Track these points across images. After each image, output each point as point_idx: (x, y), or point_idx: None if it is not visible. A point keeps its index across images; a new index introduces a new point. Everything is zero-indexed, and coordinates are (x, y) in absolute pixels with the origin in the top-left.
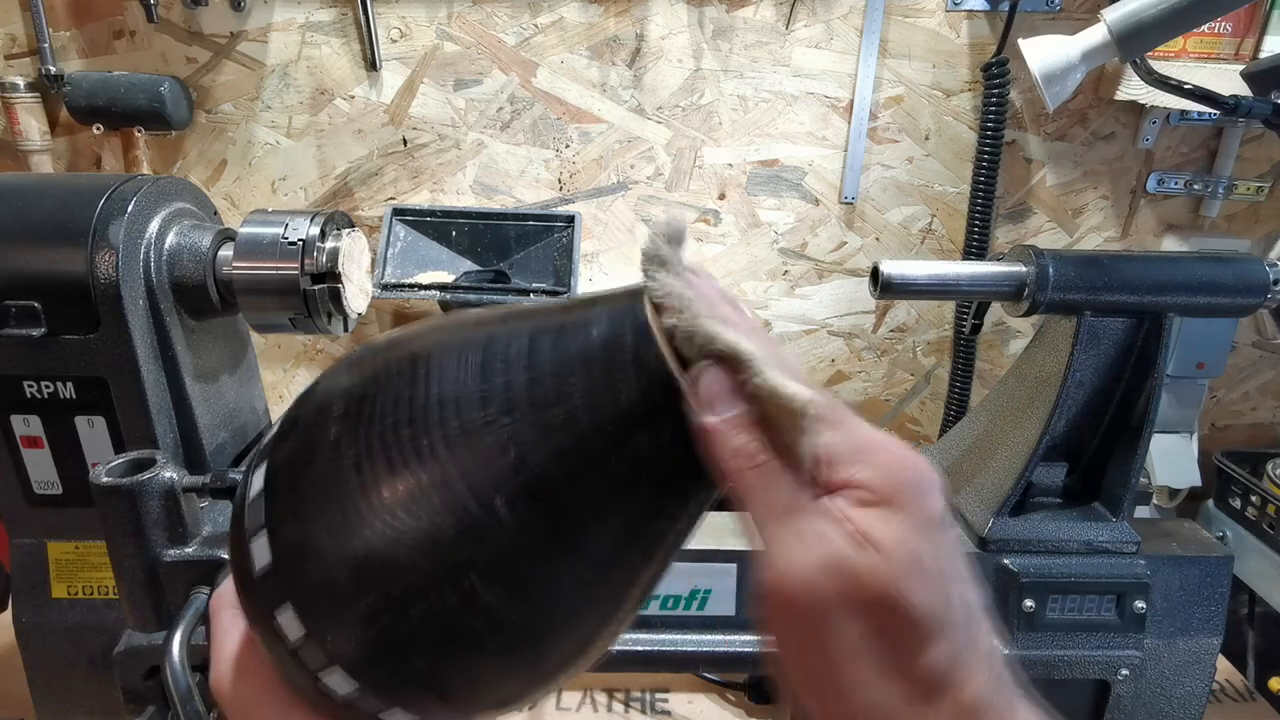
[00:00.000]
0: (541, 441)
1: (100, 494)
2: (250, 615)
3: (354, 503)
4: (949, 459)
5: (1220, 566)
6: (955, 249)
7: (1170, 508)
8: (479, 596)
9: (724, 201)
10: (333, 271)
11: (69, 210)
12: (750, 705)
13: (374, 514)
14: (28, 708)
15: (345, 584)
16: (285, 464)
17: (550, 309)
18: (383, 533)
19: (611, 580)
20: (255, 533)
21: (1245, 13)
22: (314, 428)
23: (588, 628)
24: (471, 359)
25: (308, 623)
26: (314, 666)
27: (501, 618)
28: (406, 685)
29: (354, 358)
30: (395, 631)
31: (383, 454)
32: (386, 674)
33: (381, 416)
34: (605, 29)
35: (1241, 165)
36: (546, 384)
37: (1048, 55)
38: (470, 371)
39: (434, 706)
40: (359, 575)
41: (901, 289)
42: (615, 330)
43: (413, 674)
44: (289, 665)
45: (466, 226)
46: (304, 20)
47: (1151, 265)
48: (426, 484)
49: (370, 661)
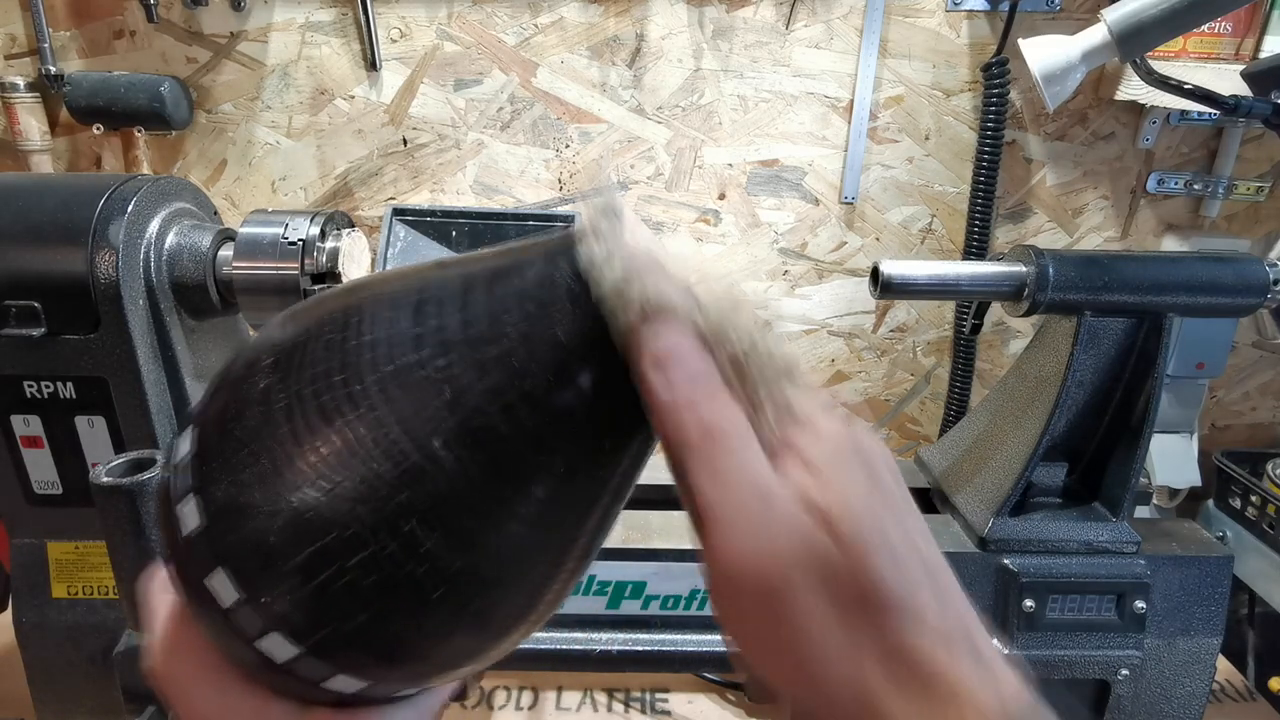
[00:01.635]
0: (478, 380)
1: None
2: (182, 585)
3: (286, 452)
4: (949, 459)
5: (1220, 566)
6: (955, 249)
7: (1170, 508)
8: (420, 543)
9: (724, 201)
10: (333, 271)
11: (69, 210)
12: (750, 705)
13: (307, 463)
14: (28, 708)
15: (280, 539)
16: (214, 421)
17: (485, 255)
18: (317, 482)
19: (557, 524)
20: (183, 496)
21: (1245, 13)
22: (242, 381)
23: (535, 577)
24: (405, 303)
25: (243, 585)
26: (251, 632)
27: (445, 565)
28: (350, 646)
29: (284, 315)
30: (335, 587)
31: (314, 401)
32: (328, 635)
33: (313, 364)
34: (605, 29)
35: (1241, 165)
36: (481, 323)
37: (1048, 55)
38: (404, 315)
39: (380, 669)
40: (294, 529)
41: (901, 289)
42: (551, 268)
43: (356, 633)
44: (225, 634)
45: (467, 226)
46: (304, 20)
47: (1151, 265)
48: (361, 429)
49: (310, 622)
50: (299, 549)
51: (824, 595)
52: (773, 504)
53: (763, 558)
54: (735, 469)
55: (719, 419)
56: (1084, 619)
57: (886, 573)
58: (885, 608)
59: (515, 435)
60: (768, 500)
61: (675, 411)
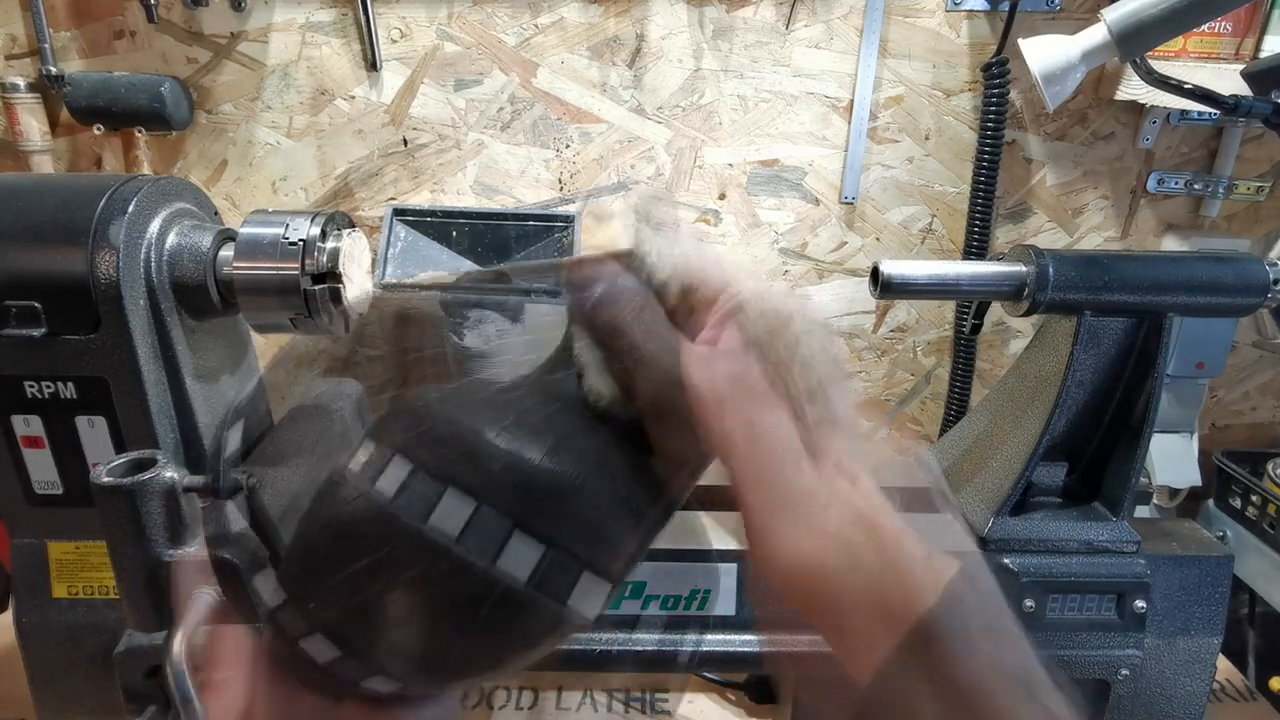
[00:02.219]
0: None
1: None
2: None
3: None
4: (949, 459)
5: (1220, 566)
6: (955, 249)
7: (1170, 507)
8: (471, 565)
9: (724, 201)
10: (333, 271)
11: (69, 210)
12: (750, 705)
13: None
14: (28, 708)
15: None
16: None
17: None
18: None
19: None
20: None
21: (1245, 12)
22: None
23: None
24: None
25: (288, 587)
26: (295, 633)
27: (491, 585)
28: (390, 654)
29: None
30: (382, 600)
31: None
32: (370, 643)
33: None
34: (605, 29)
35: (1242, 165)
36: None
37: (1048, 55)
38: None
39: (416, 674)
40: (343, 541)
41: (901, 289)
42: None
43: (397, 643)
44: (268, 630)
45: (467, 226)
46: (304, 20)
47: (1151, 265)
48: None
49: (354, 630)
50: (345, 564)
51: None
52: (813, 508)
53: (806, 559)
54: (778, 474)
55: (765, 421)
56: (1084, 619)
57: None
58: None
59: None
60: (810, 503)
61: (719, 411)
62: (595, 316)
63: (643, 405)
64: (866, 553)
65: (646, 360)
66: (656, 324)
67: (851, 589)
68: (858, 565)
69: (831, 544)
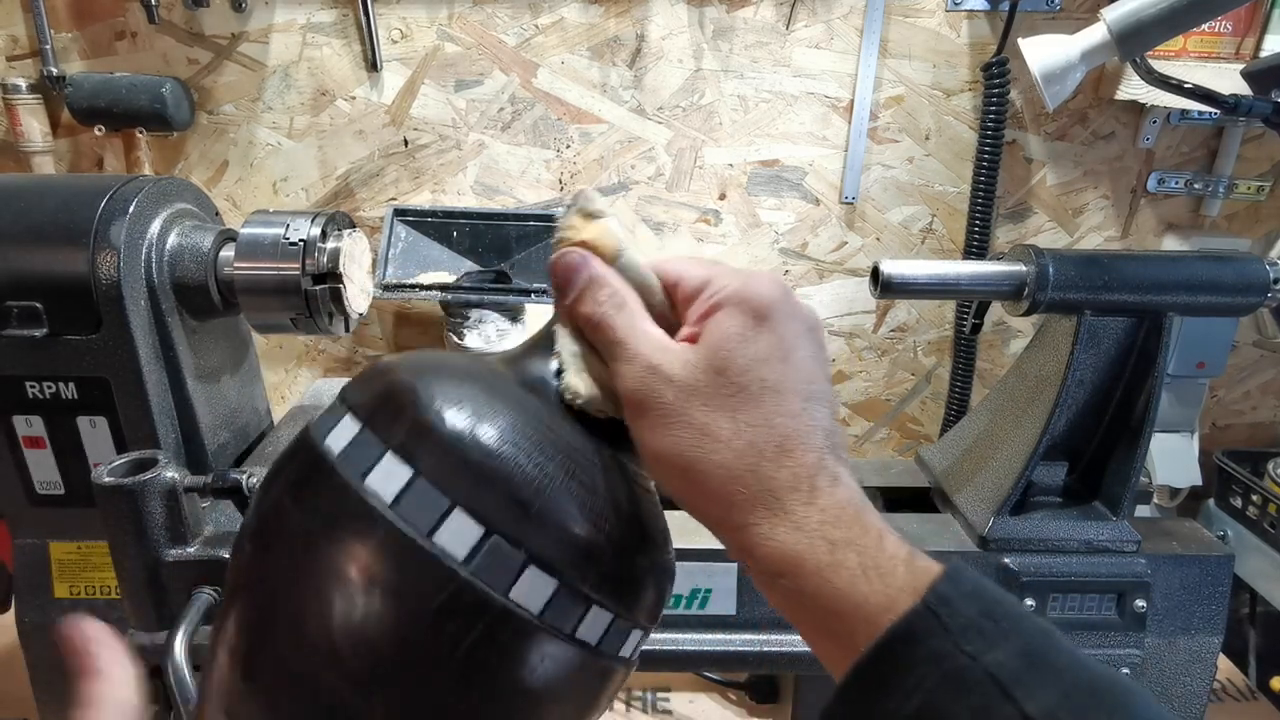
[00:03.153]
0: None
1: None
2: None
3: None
4: (949, 459)
5: (1221, 566)
6: (955, 249)
7: (1171, 507)
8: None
9: (724, 201)
10: (334, 272)
11: (70, 211)
12: (751, 705)
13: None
14: (30, 708)
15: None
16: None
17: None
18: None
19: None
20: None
21: (1245, 12)
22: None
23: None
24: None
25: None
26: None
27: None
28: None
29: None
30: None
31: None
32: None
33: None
34: (605, 29)
35: (1242, 165)
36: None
37: (1048, 55)
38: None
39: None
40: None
41: (901, 289)
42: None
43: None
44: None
45: (467, 227)
46: (305, 21)
47: (1152, 265)
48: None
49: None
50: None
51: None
52: (795, 504)
53: (786, 556)
54: (758, 469)
55: (747, 414)
56: (1084, 618)
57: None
58: (756, 395)
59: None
60: (791, 499)
61: (700, 404)
62: (577, 308)
63: (623, 399)
64: (848, 551)
65: (628, 354)
66: (638, 319)
67: (832, 588)
68: (839, 563)
69: (813, 541)
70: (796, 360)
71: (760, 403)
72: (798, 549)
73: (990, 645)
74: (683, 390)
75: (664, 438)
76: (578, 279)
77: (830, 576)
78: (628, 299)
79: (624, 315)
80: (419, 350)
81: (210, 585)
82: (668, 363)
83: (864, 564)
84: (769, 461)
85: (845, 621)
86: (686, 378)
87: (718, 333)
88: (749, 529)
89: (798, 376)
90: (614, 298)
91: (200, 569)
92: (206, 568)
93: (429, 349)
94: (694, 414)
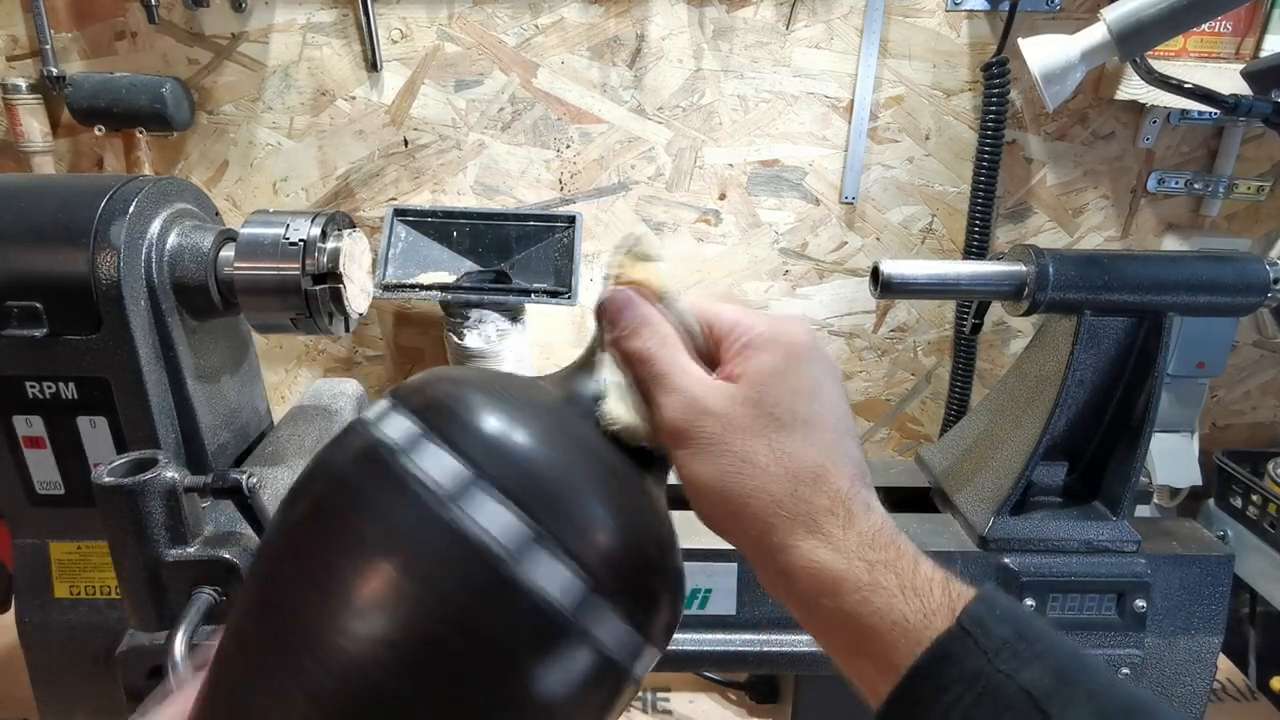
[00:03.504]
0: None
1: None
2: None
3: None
4: (949, 459)
5: (1221, 566)
6: (955, 249)
7: (1171, 507)
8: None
9: (724, 201)
10: (334, 272)
11: (71, 211)
12: (751, 705)
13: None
14: (30, 708)
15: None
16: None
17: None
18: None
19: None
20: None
21: (1245, 12)
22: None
23: None
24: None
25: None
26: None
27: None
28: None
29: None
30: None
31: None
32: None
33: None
34: (605, 29)
35: (1242, 165)
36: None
37: (1048, 55)
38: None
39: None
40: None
41: (902, 289)
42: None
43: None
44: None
45: (467, 227)
46: (305, 21)
47: (1152, 265)
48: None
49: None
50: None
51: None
52: (833, 526)
53: (826, 576)
54: (796, 493)
55: (784, 444)
56: (1084, 618)
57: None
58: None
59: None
60: (830, 522)
61: (740, 435)
62: (625, 343)
63: (666, 429)
64: (886, 573)
65: (672, 386)
66: (681, 356)
67: (872, 607)
68: (878, 584)
69: (851, 562)
70: (825, 397)
71: (795, 433)
72: (837, 569)
73: (1024, 664)
74: (723, 421)
75: (707, 465)
76: (627, 315)
77: (870, 596)
78: (671, 337)
79: (668, 351)
80: (470, 367)
81: (210, 585)
82: (708, 396)
83: (902, 585)
84: (806, 486)
85: (884, 641)
86: (726, 410)
87: (755, 369)
88: (790, 549)
89: (828, 411)
90: (659, 335)
91: (200, 569)
92: (206, 568)
93: (477, 367)
94: (734, 443)
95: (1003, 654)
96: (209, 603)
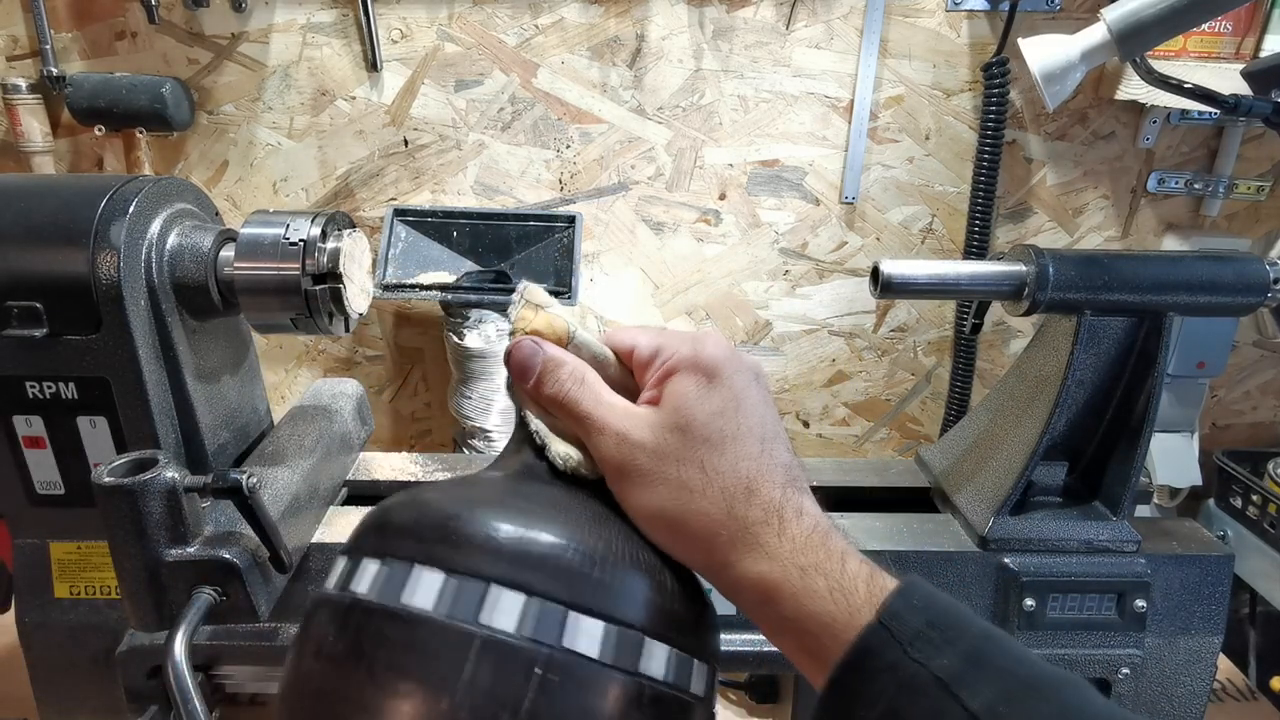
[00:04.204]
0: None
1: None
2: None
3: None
4: (949, 458)
5: (1221, 565)
6: (955, 249)
7: (1171, 507)
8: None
9: (724, 201)
10: (334, 272)
11: (70, 211)
12: (751, 705)
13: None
14: (30, 708)
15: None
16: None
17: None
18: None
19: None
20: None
21: (1245, 12)
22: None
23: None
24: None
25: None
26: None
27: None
28: None
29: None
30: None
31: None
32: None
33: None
34: (605, 29)
35: (1242, 164)
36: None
37: (1048, 55)
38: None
39: None
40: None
41: (902, 288)
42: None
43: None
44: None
45: (467, 227)
46: (305, 21)
47: (1152, 264)
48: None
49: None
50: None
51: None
52: (768, 537)
53: (766, 585)
54: (732, 511)
55: (714, 463)
56: (1084, 618)
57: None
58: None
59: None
60: (764, 533)
61: (672, 459)
62: (540, 391)
63: (602, 467)
64: (816, 576)
65: (597, 426)
66: (601, 391)
67: (806, 611)
68: (809, 588)
69: (786, 569)
70: (748, 408)
71: (723, 451)
72: (774, 578)
73: (937, 651)
74: (654, 453)
75: (645, 496)
76: (534, 363)
77: (803, 601)
78: (586, 374)
79: (585, 390)
80: (405, 492)
81: (210, 585)
82: (635, 428)
83: (830, 586)
84: (740, 502)
85: (818, 640)
86: (655, 440)
87: (676, 395)
88: (733, 565)
89: (751, 422)
90: (573, 375)
91: (200, 569)
92: (206, 568)
93: (415, 489)
94: (668, 471)
95: (917, 643)
96: (209, 603)
